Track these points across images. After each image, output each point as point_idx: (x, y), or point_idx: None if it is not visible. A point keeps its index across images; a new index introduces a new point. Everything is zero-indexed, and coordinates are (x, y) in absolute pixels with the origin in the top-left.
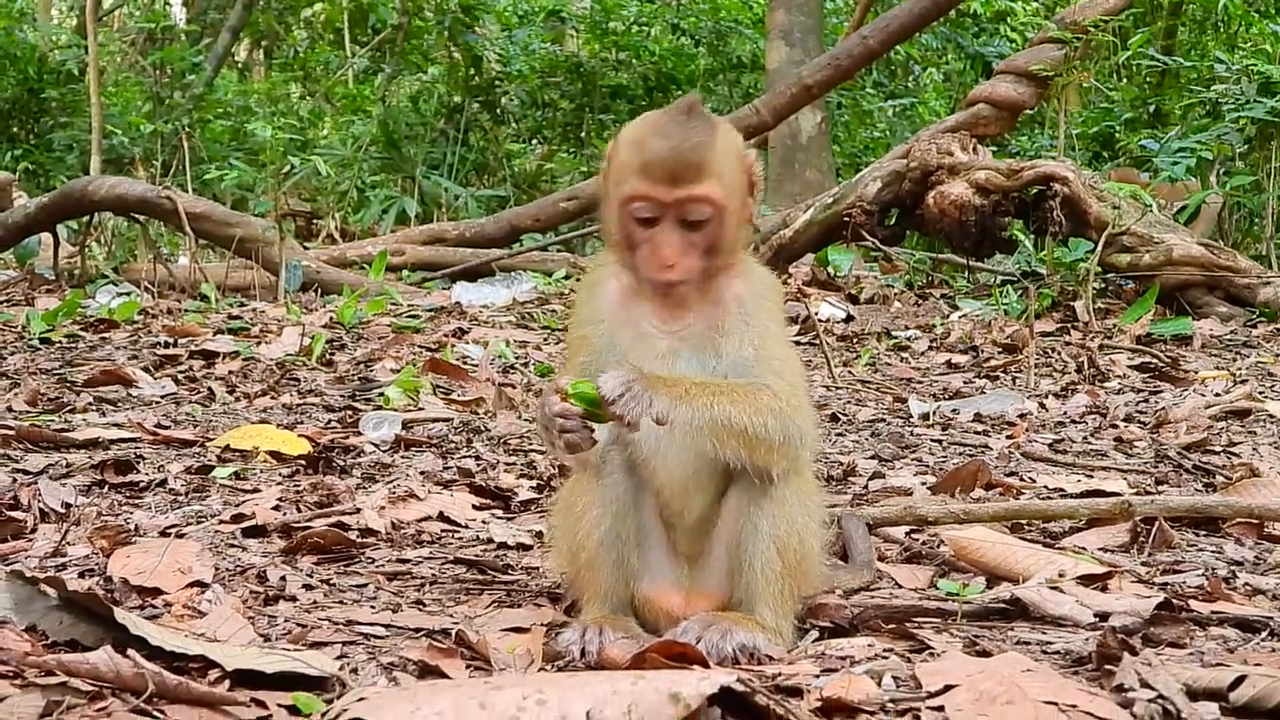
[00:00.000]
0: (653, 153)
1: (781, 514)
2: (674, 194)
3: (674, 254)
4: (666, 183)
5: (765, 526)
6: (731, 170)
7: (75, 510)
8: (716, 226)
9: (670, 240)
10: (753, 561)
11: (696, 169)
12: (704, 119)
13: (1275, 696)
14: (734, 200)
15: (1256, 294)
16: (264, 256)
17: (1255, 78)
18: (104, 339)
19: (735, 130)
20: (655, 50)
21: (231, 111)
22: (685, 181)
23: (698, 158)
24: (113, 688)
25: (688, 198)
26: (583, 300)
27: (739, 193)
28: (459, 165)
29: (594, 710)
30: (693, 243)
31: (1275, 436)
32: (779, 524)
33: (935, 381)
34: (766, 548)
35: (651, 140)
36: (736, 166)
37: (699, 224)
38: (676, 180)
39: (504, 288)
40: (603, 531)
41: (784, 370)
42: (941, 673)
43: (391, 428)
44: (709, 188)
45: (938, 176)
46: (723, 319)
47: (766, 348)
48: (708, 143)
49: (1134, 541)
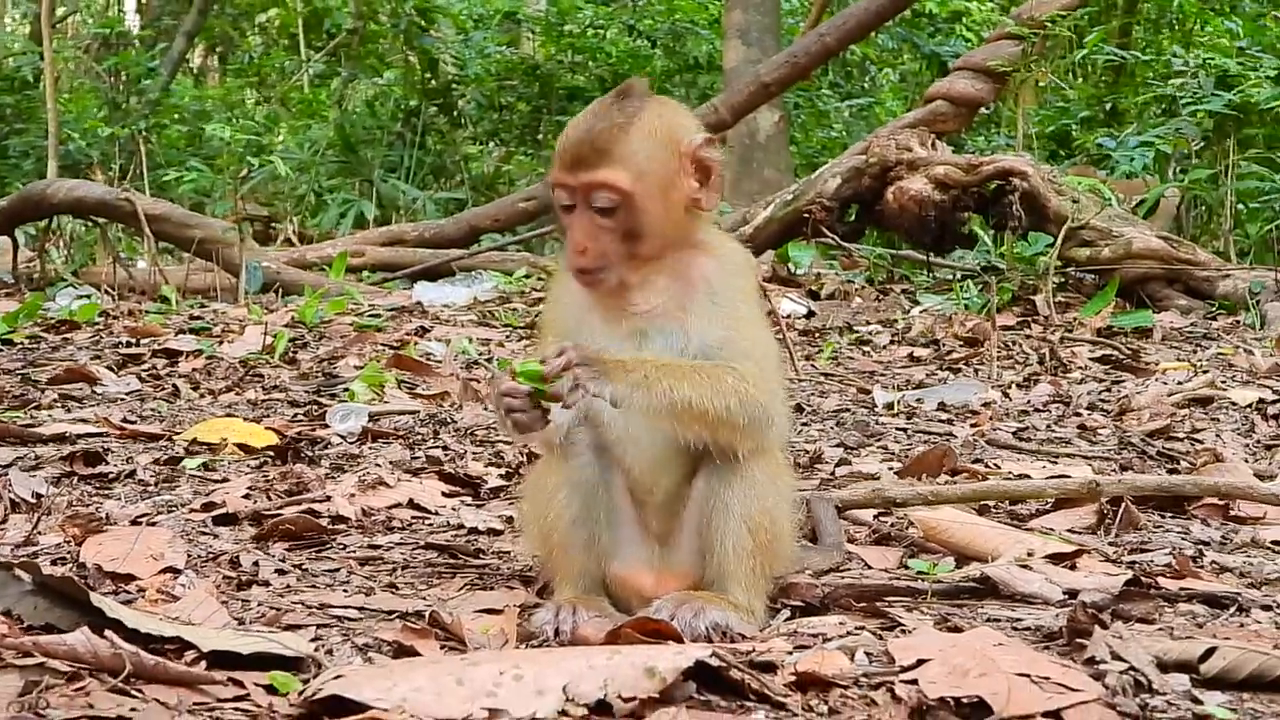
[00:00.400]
0: (565, 138)
1: (752, 493)
2: (578, 179)
3: (582, 239)
4: (570, 168)
5: (736, 506)
6: (651, 154)
7: (46, 500)
8: (629, 213)
9: (580, 225)
10: (724, 541)
11: (600, 154)
12: (634, 103)
13: (1246, 668)
14: (647, 187)
15: (1215, 287)
16: (224, 258)
17: (1212, 71)
18: (66, 340)
19: (681, 115)
20: (611, 52)
21: (187, 117)
22: (587, 167)
23: (604, 144)
24: (90, 668)
25: (592, 183)
26: (556, 283)
27: (659, 180)
28: (416, 168)
29: (570, 684)
30: (605, 228)
31: (1238, 423)
32: (750, 503)
33: (898, 374)
34: (738, 527)
35: (571, 127)
36: (661, 151)
37: (608, 210)
38: (578, 165)
39: (464, 287)
40: (573, 512)
41: (753, 350)
42: (914, 648)
43: (358, 420)
44: (611, 174)
45: (897, 172)
46: (690, 299)
47: (735, 328)
48: (622, 126)
49: (1100, 523)
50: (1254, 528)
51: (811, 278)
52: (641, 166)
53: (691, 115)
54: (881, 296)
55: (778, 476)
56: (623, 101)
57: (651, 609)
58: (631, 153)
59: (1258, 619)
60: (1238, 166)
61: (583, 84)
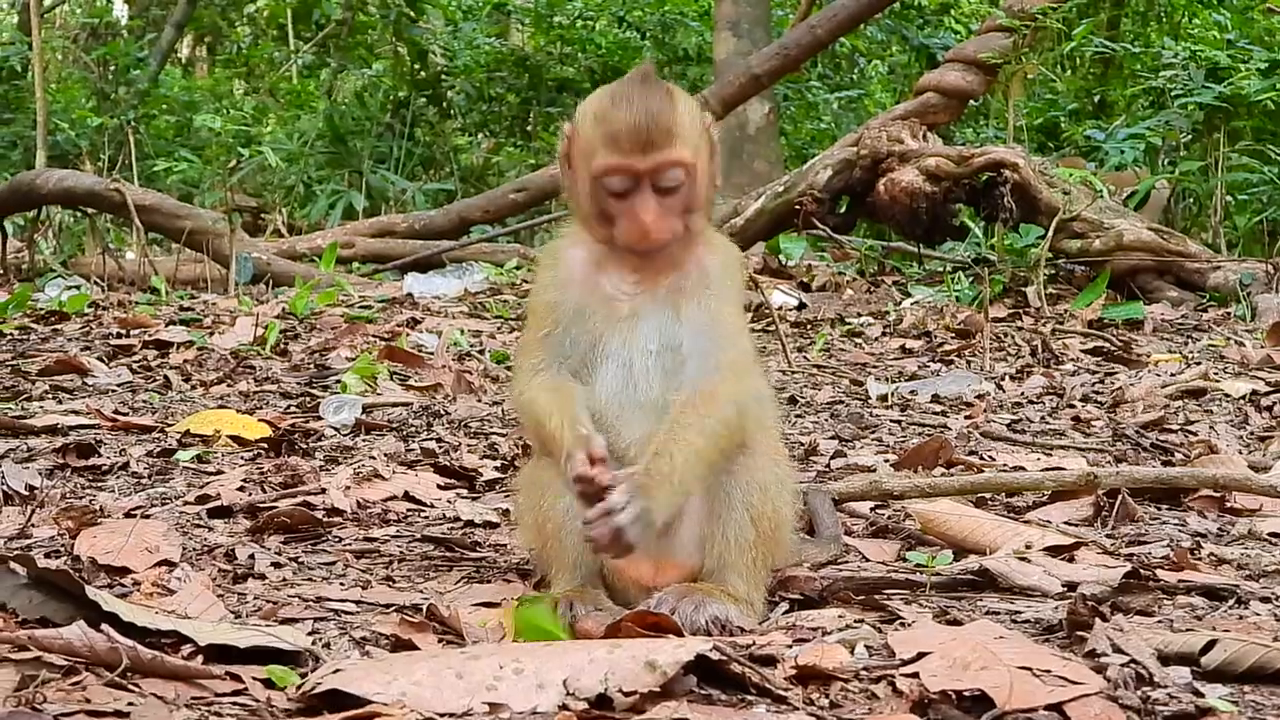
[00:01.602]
0: (620, 123)
1: (754, 482)
2: (647, 161)
3: (654, 219)
4: (639, 151)
5: (738, 495)
6: (696, 132)
7: (39, 492)
8: (690, 188)
9: (649, 207)
10: (725, 531)
11: (666, 134)
12: (661, 85)
13: (1247, 660)
14: (702, 158)
15: (1206, 278)
16: (214, 249)
17: (1202, 63)
18: (56, 331)
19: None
20: (601, 43)
21: (176, 107)
22: (657, 147)
23: (666, 122)
24: (87, 662)
25: (663, 163)
26: (545, 269)
27: (705, 155)
28: (405, 159)
29: (571, 678)
30: (669, 207)
31: (1231, 415)
32: (752, 492)
33: (890, 366)
34: (740, 517)
35: (616, 112)
36: (699, 129)
37: (673, 189)
38: (648, 147)
39: (455, 278)
40: (568, 501)
41: (737, 338)
42: (914, 641)
43: (352, 411)
44: (680, 151)
45: (888, 164)
46: (685, 283)
47: (722, 313)
48: (671, 107)
49: (1097, 515)
50: (1251, 519)
51: (802, 269)
52: (695, 142)
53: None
54: (873, 288)
55: (779, 465)
56: (651, 84)
57: (652, 602)
58: (688, 129)
59: (1257, 611)
60: (1227, 159)
61: (572, 75)
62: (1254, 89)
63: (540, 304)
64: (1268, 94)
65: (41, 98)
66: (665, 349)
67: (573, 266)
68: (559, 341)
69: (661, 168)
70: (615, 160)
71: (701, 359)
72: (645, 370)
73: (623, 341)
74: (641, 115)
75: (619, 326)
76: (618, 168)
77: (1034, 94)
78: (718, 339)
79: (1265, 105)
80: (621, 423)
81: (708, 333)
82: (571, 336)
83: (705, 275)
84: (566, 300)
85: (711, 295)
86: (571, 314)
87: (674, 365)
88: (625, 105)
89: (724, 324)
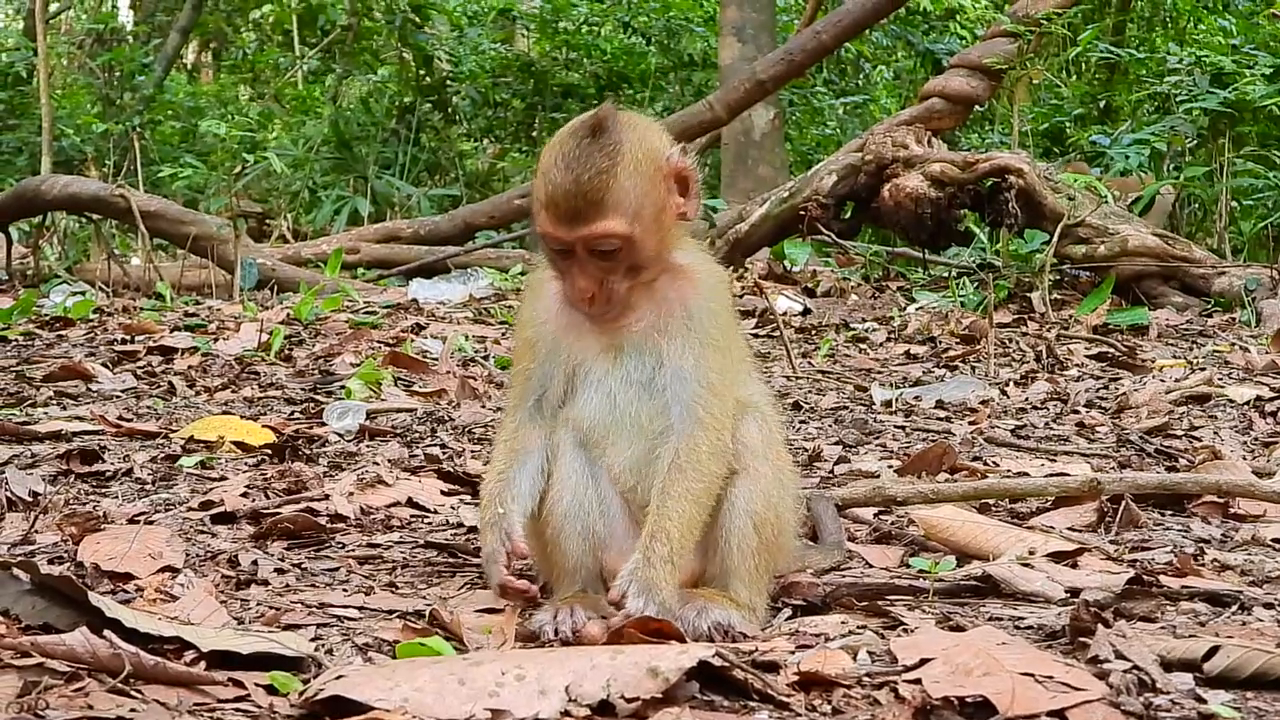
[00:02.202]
0: (554, 189)
1: (758, 489)
2: (576, 233)
3: (590, 285)
4: (567, 222)
5: (741, 502)
6: (640, 191)
7: (43, 498)
8: (629, 251)
9: (585, 272)
10: (729, 537)
11: (596, 207)
12: (609, 139)
13: (1249, 667)
14: (644, 222)
15: (1211, 284)
16: (219, 254)
17: (1207, 68)
18: (61, 337)
19: (653, 134)
20: (606, 49)
21: (182, 113)
22: (585, 220)
23: (597, 194)
24: (89, 669)
25: (590, 236)
26: (526, 305)
27: (651, 210)
28: (411, 165)
29: (573, 684)
30: (609, 269)
31: (1235, 420)
32: (755, 499)
33: (895, 371)
34: (743, 524)
35: (553, 173)
36: (647, 182)
37: (609, 253)
38: (576, 219)
39: (460, 284)
40: (565, 504)
41: (719, 381)
42: (917, 647)
43: (356, 417)
44: (609, 223)
45: (893, 169)
46: (666, 321)
47: (705, 357)
48: (608, 171)
49: (1101, 521)
50: (1254, 525)
51: (807, 275)
52: (634, 206)
53: (661, 127)
54: (878, 294)
55: (782, 472)
56: (600, 139)
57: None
58: (623, 195)
59: (1260, 617)
60: (1232, 164)
61: (577, 81)
62: (1259, 94)
63: (521, 340)
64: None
65: (47, 103)
66: (648, 387)
67: (550, 302)
68: (538, 379)
69: (590, 240)
70: (548, 227)
71: (685, 409)
72: (629, 400)
73: (605, 372)
74: (572, 184)
75: (600, 359)
76: (550, 235)
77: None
78: (701, 388)
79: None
80: (608, 443)
81: (691, 380)
82: (552, 371)
83: (688, 314)
84: (546, 335)
85: (694, 336)
86: (551, 349)
87: (656, 408)
88: (562, 168)
89: (707, 368)
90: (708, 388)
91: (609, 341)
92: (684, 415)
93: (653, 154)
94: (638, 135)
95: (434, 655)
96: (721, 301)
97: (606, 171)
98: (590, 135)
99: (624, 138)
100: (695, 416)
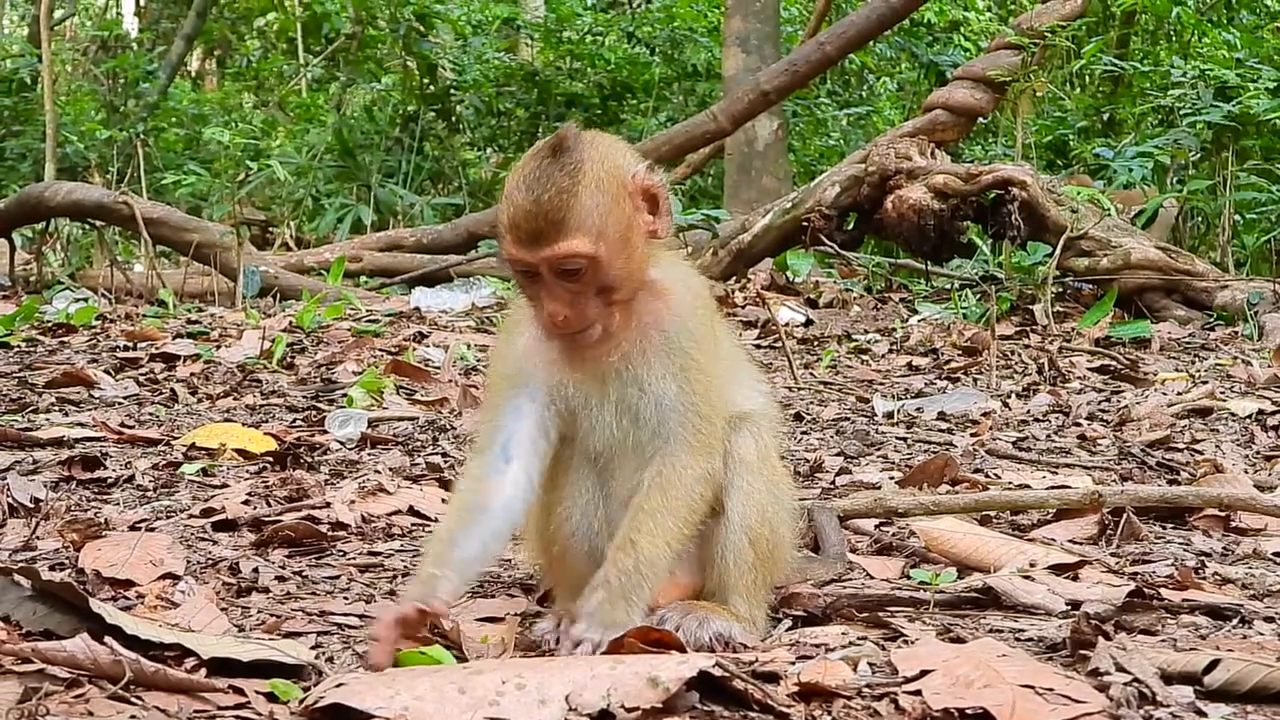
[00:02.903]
0: (515, 210)
1: (752, 504)
2: (538, 254)
3: (559, 308)
4: (530, 243)
5: (736, 517)
6: (604, 208)
7: (45, 505)
8: (597, 272)
9: (554, 296)
10: (725, 553)
11: (557, 226)
12: (570, 158)
13: (1249, 680)
14: (609, 241)
15: (1214, 297)
16: (222, 262)
17: (1211, 82)
18: (63, 343)
19: (618, 152)
20: (610, 59)
21: (185, 120)
22: (547, 241)
23: (558, 214)
24: (90, 675)
25: (553, 256)
26: (503, 339)
27: (617, 229)
28: (414, 174)
29: (573, 694)
30: (578, 290)
31: (1237, 434)
32: (750, 514)
33: (896, 383)
34: (738, 539)
35: (515, 194)
36: (611, 200)
37: (576, 273)
38: (538, 240)
39: (463, 293)
40: (573, 524)
41: (703, 403)
42: (917, 658)
43: (357, 426)
44: (572, 243)
45: (896, 181)
46: (645, 346)
47: (687, 381)
48: (569, 190)
49: (1102, 534)
50: (1255, 539)
51: (810, 286)
52: (598, 224)
53: (626, 145)
54: (880, 305)
55: (777, 485)
56: (560, 158)
57: (655, 618)
58: (586, 214)
59: (1261, 631)
60: (1236, 178)
61: (581, 91)
62: (1263, 108)
63: (496, 374)
64: (1277, 113)
65: (51, 110)
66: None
67: (528, 334)
68: (508, 416)
69: (554, 260)
70: (512, 249)
71: (671, 435)
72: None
73: (598, 404)
74: (533, 205)
75: (587, 390)
76: (514, 258)
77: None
78: (685, 412)
79: (1274, 124)
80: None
81: (674, 406)
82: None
83: (665, 337)
84: (522, 372)
85: (674, 360)
86: (532, 386)
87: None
88: (523, 189)
89: (690, 391)
90: (692, 411)
91: (591, 371)
92: (668, 438)
93: (616, 171)
94: (600, 153)
95: (435, 664)
96: (700, 319)
97: (567, 190)
98: (551, 155)
99: (585, 156)
100: (679, 439)
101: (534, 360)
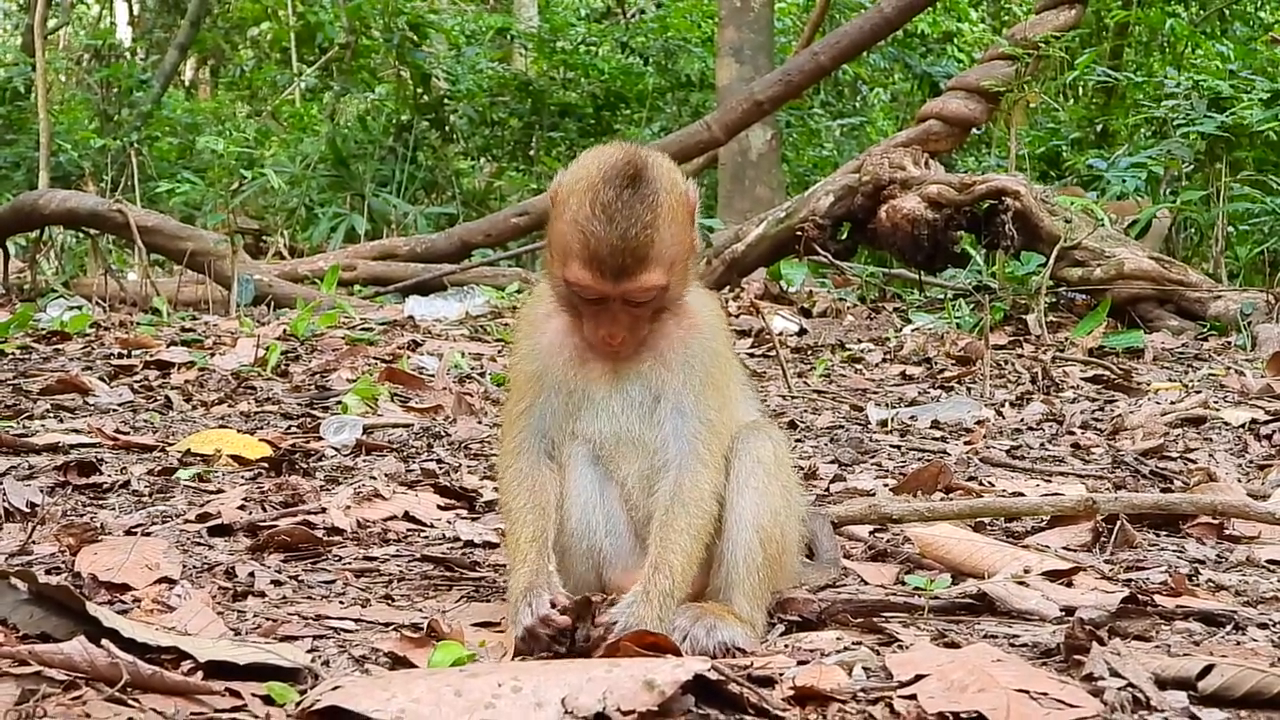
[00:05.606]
0: (597, 242)
1: (766, 506)
2: (619, 288)
3: (618, 331)
4: (612, 277)
5: (750, 517)
6: (676, 239)
7: (41, 510)
8: (661, 298)
9: (616, 320)
10: (734, 550)
11: (642, 262)
12: (648, 188)
13: (1243, 685)
14: (676, 269)
15: (1207, 308)
16: (216, 270)
17: (1205, 93)
18: (57, 351)
19: (676, 173)
20: (604, 69)
21: (179, 129)
22: (629, 275)
23: (644, 250)
24: (87, 678)
25: (635, 289)
26: (524, 337)
27: (682, 255)
28: (408, 183)
29: (569, 697)
30: (639, 314)
31: (1230, 443)
32: (763, 515)
33: (890, 392)
34: (750, 537)
35: (593, 224)
36: (680, 230)
37: (645, 303)
38: (621, 274)
39: (456, 302)
40: (573, 523)
41: (717, 419)
42: (912, 663)
43: (352, 432)
44: (652, 276)
45: (890, 190)
46: (668, 356)
47: (705, 395)
48: (652, 225)
49: (1096, 540)
50: (1249, 546)
51: (804, 295)
52: (672, 255)
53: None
54: (873, 315)
55: (790, 492)
56: (640, 189)
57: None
58: (665, 247)
59: (1254, 637)
60: (1229, 188)
61: (575, 100)
62: (1256, 119)
63: (520, 375)
64: (1270, 124)
65: (45, 119)
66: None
67: (552, 335)
68: (540, 415)
69: (633, 292)
70: (586, 279)
71: (686, 445)
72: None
73: (606, 395)
74: (618, 240)
75: (601, 382)
76: (588, 287)
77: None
78: (701, 425)
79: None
80: (619, 458)
81: (691, 417)
82: (555, 405)
83: (689, 352)
84: (548, 370)
85: (695, 374)
86: (555, 383)
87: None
88: (605, 220)
89: (707, 405)
90: (707, 425)
91: (611, 368)
92: (685, 451)
93: (681, 197)
94: (668, 179)
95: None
96: (722, 340)
97: (651, 225)
98: (631, 185)
99: (660, 185)
100: (696, 453)
101: (556, 358)
